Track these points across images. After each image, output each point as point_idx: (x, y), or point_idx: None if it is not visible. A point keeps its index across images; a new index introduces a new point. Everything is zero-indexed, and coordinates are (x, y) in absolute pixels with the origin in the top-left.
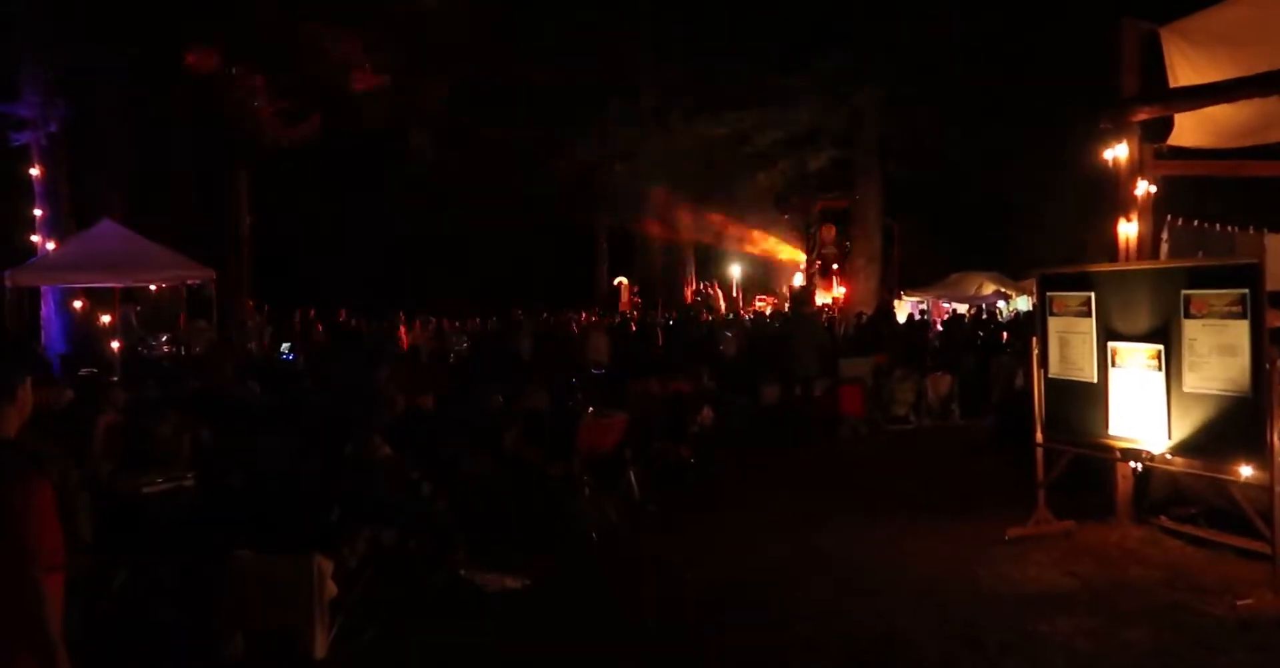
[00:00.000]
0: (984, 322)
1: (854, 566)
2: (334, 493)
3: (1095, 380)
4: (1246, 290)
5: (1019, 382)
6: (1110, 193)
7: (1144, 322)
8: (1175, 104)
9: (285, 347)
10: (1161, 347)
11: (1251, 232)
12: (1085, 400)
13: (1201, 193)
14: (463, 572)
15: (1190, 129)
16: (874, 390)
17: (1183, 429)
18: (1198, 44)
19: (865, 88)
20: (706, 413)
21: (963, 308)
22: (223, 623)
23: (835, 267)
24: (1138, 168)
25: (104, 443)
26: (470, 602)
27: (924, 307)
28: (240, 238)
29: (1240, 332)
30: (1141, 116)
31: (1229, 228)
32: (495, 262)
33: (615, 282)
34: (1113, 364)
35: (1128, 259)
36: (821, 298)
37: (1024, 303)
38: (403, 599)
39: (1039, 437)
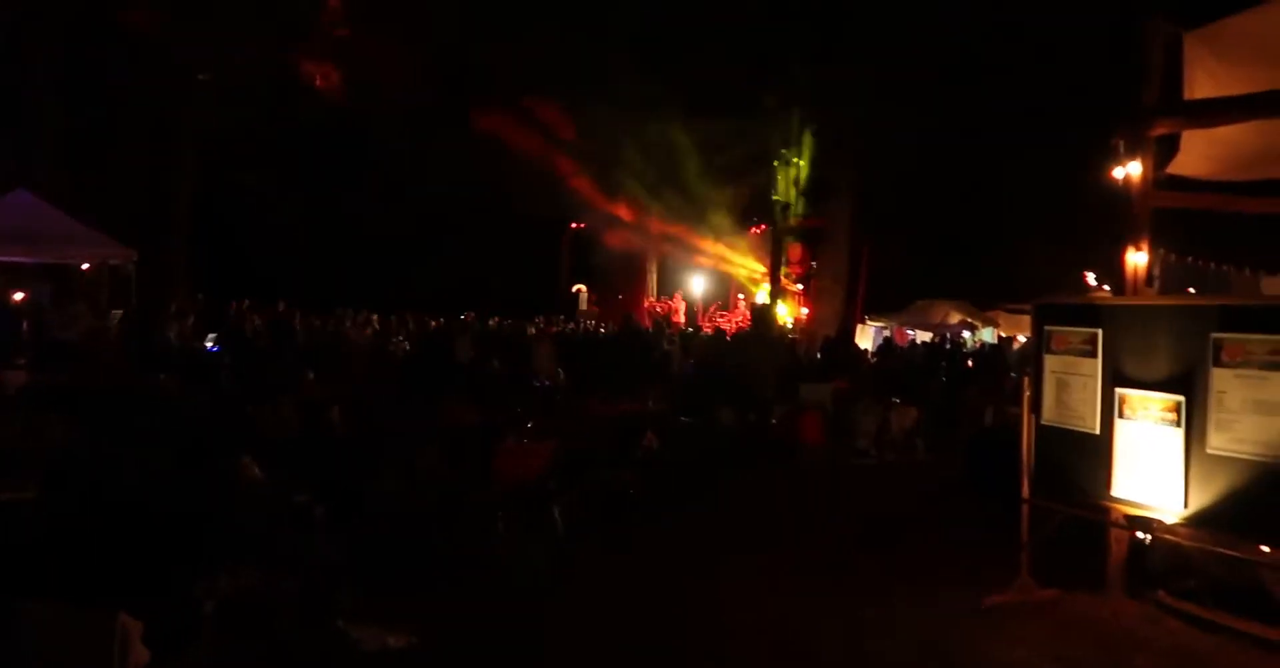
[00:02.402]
0: (948, 352)
1: (802, 642)
2: (193, 522)
3: (1098, 432)
4: None
5: (988, 420)
6: (1116, 218)
7: (1162, 367)
8: (1205, 117)
9: (211, 338)
10: (1182, 398)
11: (1248, 273)
12: (1084, 454)
13: (1190, 228)
14: (341, 623)
15: (1196, 155)
16: (834, 418)
17: (1203, 497)
18: (1223, 54)
19: (841, 105)
20: (650, 437)
21: (924, 336)
22: None
23: (800, 286)
24: (1151, 189)
25: None
26: (340, 663)
27: (887, 333)
28: (177, 220)
29: None
30: (1161, 130)
31: (1224, 267)
32: (453, 261)
33: (574, 289)
34: (1120, 414)
35: (1135, 293)
36: (784, 318)
37: (988, 335)
38: (261, 656)
39: (1025, 492)
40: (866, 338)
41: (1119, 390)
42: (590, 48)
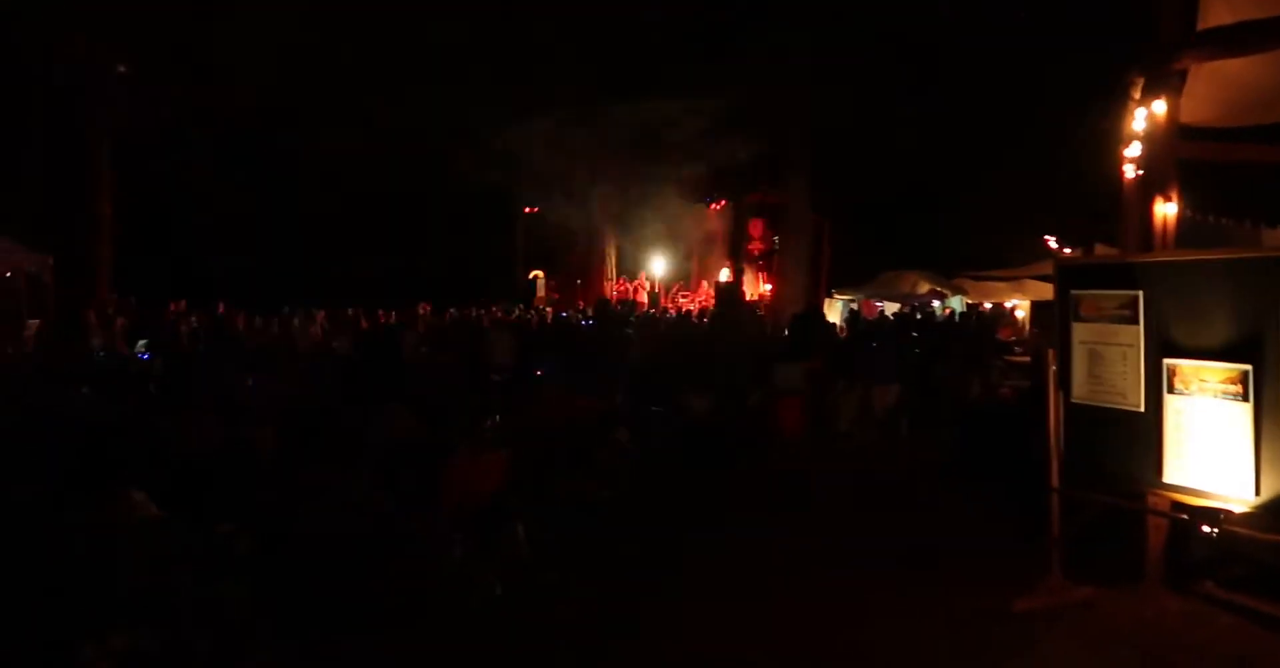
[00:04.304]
0: (919, 323)
1: None
2: (63, 573)
3: (1143, 410)
4: None
5: (975, 392)
6: (1095, 175)
7: (1220, 332)
8: (1235, 45)
9: (141, 344)
10: (1249, 367)
11: (1248, 225)
12: (1126, 436)
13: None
14: None
15: (1199, 101)
16: (812, 400)
17: (1277, 482)
18: None
19: (791, 76)
20: (622, 434)
21: (892, 307)
22: None
23: (763, 263)
24: (1176, 130)
25: None
26: None
27: (854, 306)
28: (98, 221)
29: None
30: (1187, 63)
31: (1221, 220)
32: (405, 253)
33: (531, 275)
34: (1170, 389)
35: (1164, 249)
36: (748, 295)
37: (957, 303)
38: None
39: (1055, 480)
40: (834, 312)
41: (1168, 361)
42: (530, 32)
